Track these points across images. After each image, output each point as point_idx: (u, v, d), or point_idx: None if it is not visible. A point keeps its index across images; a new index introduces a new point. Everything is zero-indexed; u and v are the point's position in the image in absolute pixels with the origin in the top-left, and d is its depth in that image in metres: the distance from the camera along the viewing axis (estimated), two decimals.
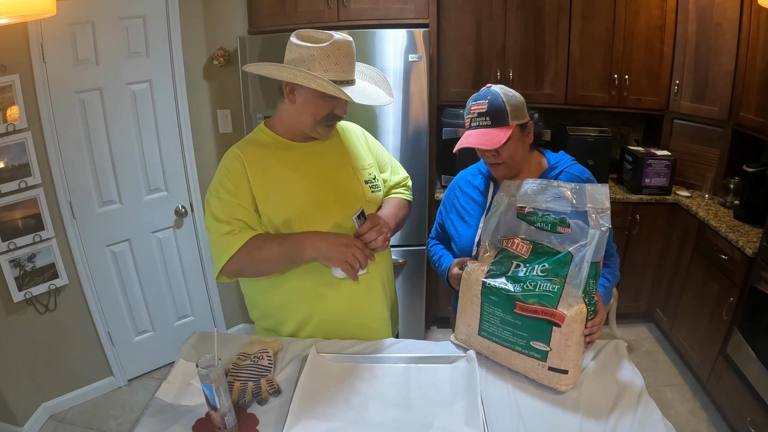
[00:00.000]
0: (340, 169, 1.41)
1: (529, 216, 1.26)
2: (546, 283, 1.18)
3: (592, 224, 1.16)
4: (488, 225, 1.31)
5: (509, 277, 1.23)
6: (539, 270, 1.20)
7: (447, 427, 1.09)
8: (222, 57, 2.66)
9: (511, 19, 2.80)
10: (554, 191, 1.23)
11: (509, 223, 1.29)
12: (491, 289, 1.23)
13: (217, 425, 1.08)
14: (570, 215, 1.20)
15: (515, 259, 1.26)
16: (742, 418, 2.11)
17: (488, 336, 1.27)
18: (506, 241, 1.29)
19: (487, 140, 1.30)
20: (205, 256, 2.90)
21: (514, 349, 1.23)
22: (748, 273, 2.15)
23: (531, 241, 1.26)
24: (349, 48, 1.25)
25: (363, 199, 1.41)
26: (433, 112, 2.74)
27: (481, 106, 1.33)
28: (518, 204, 1.28)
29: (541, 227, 1.24)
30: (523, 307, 1.18)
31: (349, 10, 2.63)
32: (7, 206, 2.18)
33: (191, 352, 1.38)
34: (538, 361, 1.19)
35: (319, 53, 1.22)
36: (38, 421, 2.44)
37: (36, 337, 2.39)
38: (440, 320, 3.22)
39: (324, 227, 1.33)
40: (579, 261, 1.16)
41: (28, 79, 2.15)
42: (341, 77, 1.25)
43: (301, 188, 1.34)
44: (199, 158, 2.74)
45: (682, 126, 2.88)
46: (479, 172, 1.53)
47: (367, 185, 1.43)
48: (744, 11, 2.39)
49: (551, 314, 1.15)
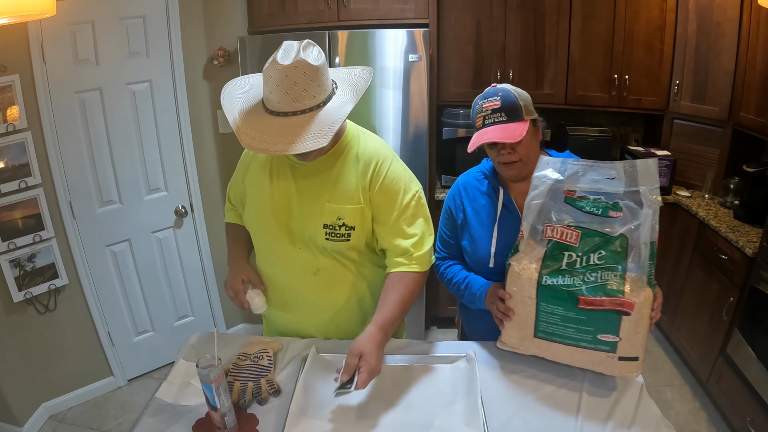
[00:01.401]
0: (307, 198, 1.30)
1: (579, 200, 1.15)
2: (607, 272, 1.09)
3: (647, 203, 1.09)
4: (529, 211, 1.19)
5: (565, 271, 1.13)
6: (596, 258, 1.11)
7: (447, 427, 1.09)
8: (222, 57, 2.66)
9: (511, 19, 2.80)
10: (604, 171, 1.13)
11: (554, 208, 1.17)
12: (549, 288, 1.13)
13: (217, 425, 1.08)
14: (622, 196, 1.11)
15: (566, 249, 1.14)
16: (742, 418, 2.11)
17: (547, 336, 1.18)
18: (550, 229, 1.16)
19: (508, 134, 1.25)
20: (204, 256, 2.90)
21: (578, 346, 1.15)
22: (748, 273, 2.15)
23: (579, 227, 1.14)
24: (280, 76, 1.09)
25: (311, 242, 1.30)
26: (433, 112, 2.74)
27: (494, 103, 1.29)
28: (566, 187, 1.16)
29: (590, 211, 1.13)
30: (588, 302, 1.10)
31: (349, 10, 2.63)
32: (7, 206, 2.18)
33: (191, 352, 1.38)
34: (607, 353, 1.13)
35: (265, 75, 1.13)
36: (38, 421, 2.44)
37: (36, 337, 2.39)
38: (440, 320, 3.22)
39: (276, 247, 1.35)
40: (636, 244, 1.09)
41: (28, 79, 2.15)
42: (275, 107, 1.12)
43: (269, 200, 1.32)
44: (199, 158, 2.74)
45: (682, 126, 2.88)
46: (484, 176, 1.45)
47: (325, 230, 1.28)
48: (744, 11, 2.39)
49: (620, 304, 1.08)
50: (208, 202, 2.85)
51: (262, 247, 1.41)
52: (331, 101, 1.16)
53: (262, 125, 1.13)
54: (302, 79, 1.10)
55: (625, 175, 1.11)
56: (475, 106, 1.35)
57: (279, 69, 1.09)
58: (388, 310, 1.22)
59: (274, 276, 1.40)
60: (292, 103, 1.11)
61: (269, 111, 1.14)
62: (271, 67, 1.10)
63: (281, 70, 1.09)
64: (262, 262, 1.42)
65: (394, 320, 1.22)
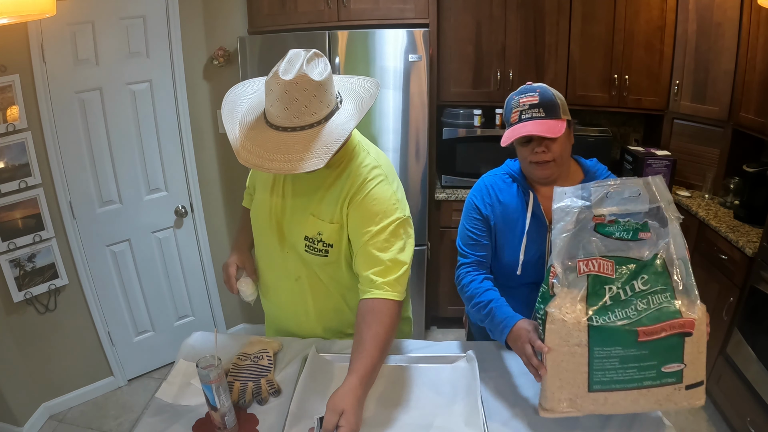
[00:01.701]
0: (299, 206, 1.28)
1: (609, 226, 1.05)
2: (657, 296, 1.01)
3: (670, 218, 1.04)
4: (557, 248, 1.06)
5: (612, 306, 1.01)
6: (640, 284, 1.01)
7: (447, 427, 1.09)
8: (222, 57, 2.66)
9: (511, 19, 2.80)
10: (629, 188, 1.05)
11: (583, 239, 1.06)
12: (602, 329, 1.00)
13: (217, 425, 1.08)
14: (647, 215, 1.05)
15: (605, 283, 1.03)
16: (742, 418, 2.11)
17: (605, 387, 1.02)
18: (584, 263, 1.04)
19: (547, 129, 1.21)
20: (204, 256, 2.90)
21: (642, 387, 1.02)
22: (748, 273, 2.15)
23: (611, 256, 1.04)
24: (280, 90, 1.06)
25: (295, 250, 1.30)
26: (433, 112, 2.74)
27: (533, 98, 1.25)
28: (595, 213, 1.06)
29: (620, 237, 1.05)
30: (648, 332, 0.98)
31: (349, 10, 2.63)
32: (7, 206, 2.18)
33: (191, 352, 1.38)
34: (674, 386, 1.02)
35: (266, 83, 1.10)
36: (38, 421, 2.44)
37: (36, 337, 2.39)
38: (440, 320, 3.22)
39: (269, 248, 1.38)
40: (671, 259, 1.02)
41: (28, 79, 2.15)
42: (275, 121, 1.10)
43: (268, 199, 1.34)
44: (199, 158, 2.74)
45: (682, 126, 2.88)
46: (512, 179, 1.39)
47: (305, 242, 1.27)
48: (744, 11, 2.39)
49: (681, 325, 0.99)
50: (208, 202, 2.85)
51: (257, 242, 1.44)
52: (334, 117, 1.12)
53: (261, 139, 1.10)
54: (303, 95, 1.07)
55: (647, 191, 1.05)
56: (509, 102, 1.31)
57: (279, 83, 1.06)
58: (367, 356, 1.09)
59: (265, 271, 1.43)
60: (291, 119, 1.08)
61: (270, 124, 1.12)
62: (272, 80, 1.07)
63: (282, 85, 1.06)
64: (257, 254, 1.46)
65: (375, 366, 1.11)
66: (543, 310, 1.05)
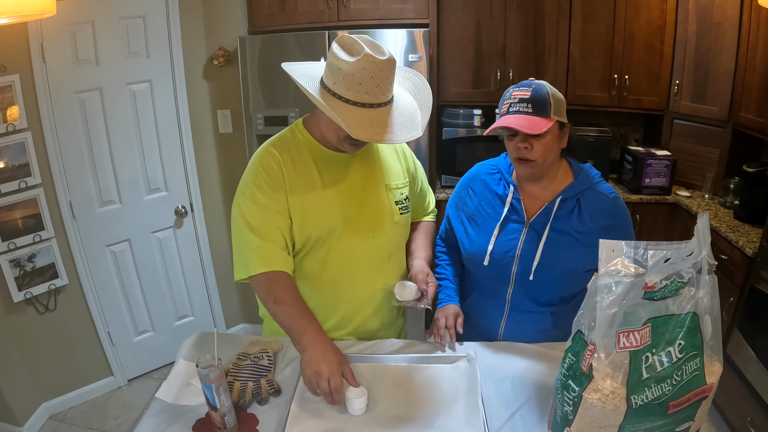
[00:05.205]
0: (371, 186, 1.35)
1: (657, 292, 0.92)
2: (690, 363, 0.92)
3: (705, 268, 0.93)
4: (600, 324, 0.90)
5: (649, 380, 0.91)
6: (677, 352, 0.91)
7: (447, 427, 1.09)
8: (222, 57, 2.66)
9: (511, 19, 2.80)
10: (684, 249, 0.92)
11: (626, 308, 0.91)
12: (640, 408, 0.91)
13: (217, 425, 1.08)
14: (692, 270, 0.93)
15: (644, 352, 0.92)
16: (742, 418, 2.11)
17: None
18: (624, 335, 0.91)
19: (528, 125, 1.21)
20: (204, 256, 2.90)
21: None
22: (748, 273, 2.15)
23: (649, 319, 0.92)
24: (375, 69, 1.12)
25: (390, 221, 1.36)
26: (433, 112, 2.74)
27: (524, 93, 1.25)
28: (648, 282, 0.90)
29: (663, 296, 0.92)
30: (677, 404, 0.92)
31: (349, 10, 2.63)
32: (7, 206, 2.18)
33: (191, 352, 1.37)
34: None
35: (346, 68, 1.12)
36: (38, 421, 2.44)
37: (36, 337, 2.39)
38: None
39: (350, 246, 1.32)
40: (703, 316, 0.93)
41: (28, 79, 2.15)
42: (363, 99, 1.14)
43: (333, 203, 1.30)
44: (199, 158, 2.74)
45: (682, 126, 2.88)
46: (498, 171, 1.42)
47: (397, 206, 1.38)
48: (744, 11, 2.39)
49: (702, 392, 0.94)
50: (208, 202, 2.85)
51: (333, 254, 1.32)
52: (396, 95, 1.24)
53: (367, 117, 1.16)
54: (392, 73, 1.17)
55: (696, 240, 0.94)
56: (505, 94, 1.31)
57: (375, 62, 1.12)
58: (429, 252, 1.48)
59: (339, 278, 1.35)
60: (379, 96, 1.16)
61: (354, 102, 1.15)
62: (365, 60, 1.11)
63: (377, 64, 1.12)
64: (329, 269, 1.33)
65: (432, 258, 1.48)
66: (577, 391, 0.93)
